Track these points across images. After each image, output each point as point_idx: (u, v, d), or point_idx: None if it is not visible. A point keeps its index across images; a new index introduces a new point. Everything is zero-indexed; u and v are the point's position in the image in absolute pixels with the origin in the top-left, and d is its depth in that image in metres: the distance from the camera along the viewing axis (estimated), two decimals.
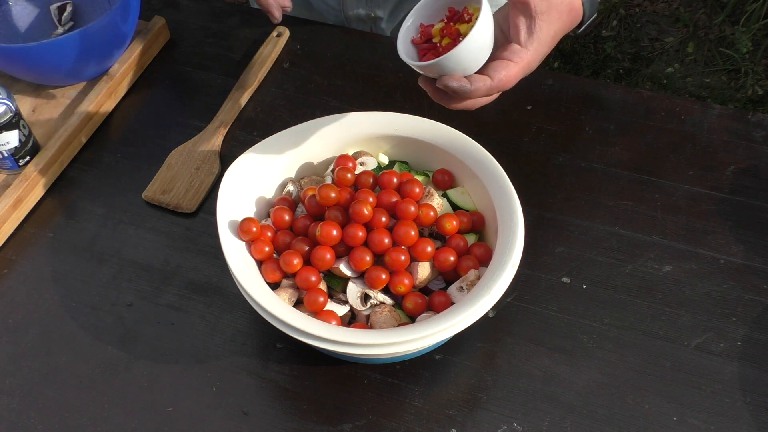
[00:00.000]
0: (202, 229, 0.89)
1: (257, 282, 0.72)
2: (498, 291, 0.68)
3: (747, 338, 0.78)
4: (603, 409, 0.74)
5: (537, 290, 0.82)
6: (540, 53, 0.71)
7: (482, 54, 0.69)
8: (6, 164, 0.91)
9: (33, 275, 0.86)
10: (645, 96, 0.99)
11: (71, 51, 0.94)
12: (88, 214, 0.91)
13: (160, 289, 0.84)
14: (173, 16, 1.11)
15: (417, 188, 0.77)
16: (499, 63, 0.69)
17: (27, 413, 0.76)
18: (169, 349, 0.79)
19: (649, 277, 0.82)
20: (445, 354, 0.78)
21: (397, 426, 0.74)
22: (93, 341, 0.80)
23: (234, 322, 0.81)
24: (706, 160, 0.92)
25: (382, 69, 1.03)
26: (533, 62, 0.71)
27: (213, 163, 0.94)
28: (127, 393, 0.77)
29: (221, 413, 0.75)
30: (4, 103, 0.87)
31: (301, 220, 0.77)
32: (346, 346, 0.67)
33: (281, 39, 1.06)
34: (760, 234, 0.85)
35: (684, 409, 0.74)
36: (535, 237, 0.85)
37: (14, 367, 0.79)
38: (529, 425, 0.73)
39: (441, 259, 0.74)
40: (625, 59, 2.23)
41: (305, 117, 0.84)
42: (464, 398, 0.75)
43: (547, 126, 0.96)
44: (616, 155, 0.93)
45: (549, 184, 0.90)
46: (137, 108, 1.02)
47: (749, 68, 2.14)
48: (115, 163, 0.96)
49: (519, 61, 0.69)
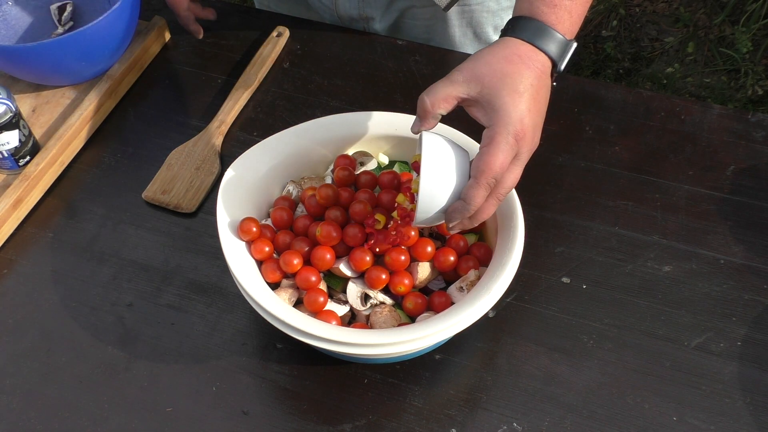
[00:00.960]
0: (202, 229, 0.89)
1: (257, 282, 0.72)
2: (498, 291, 0.68)
3: (747, 338, 0.78)
4: (603, 409, 0.74)
5: (537, 290, 0.82)
6: (513, 116, 0.64)
7: (443, 191, 0.66)
8: (6, 164, 0.91)
9: (33, 275, 0.86)
10: (645, 96, 0.99)
11: (71, 51, 0.94)
12: (88, 214, 0.91)
13: (160, 289, 0.84)
14: (173, 16, 1.11)
15: None
16: (475, 159, 0.65)
17: (27, 413, 0.76)
18: (169, 349, 0.79)
19: (649, 277, 0.82)
20: (445, 354, 0.78)
21: (397, 426, 0.74)
22: (93, 341, 0.80)
23: (234, 322, 0.81)
24: (706, 160, 0.92)
25: (382, 69, 1.03)
26: (512, 128, 0.64)
27: (213, 163, 0.94)
28: (127, 393, 0.77)
29: (221, 413, 0.75)
30: (4, 103, 0.87)
31: (301, 220, 0.77)
32: (346, 346, 0.67)
33: (281, 39, 1.06)
34: (760, 234, 0.85)
35: (684, 409, 0.74)
36: (535, 237, 0.85)
37: (14, 367, 0.79)
38: (529, 425, 0.73)
39: (441, 259, 0.74)
40: (625, 59, 2.23)
41: (305, 117, 0.85)
42: (464, 398, 0.75)
43: (547, 126, 0.95)
44: (616, 155, 0.93)
45: (549, 184, 0.90)
46: (137, 108, 1.02)
47: (749, 68, 2.14)
48: (115, 163, 0.96)
49: (490, 141, 0.64)
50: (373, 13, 1.09)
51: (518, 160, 0.66)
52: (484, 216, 0.67)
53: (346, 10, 1.09)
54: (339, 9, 1.09)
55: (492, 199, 0.66)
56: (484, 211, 0.67)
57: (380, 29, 1.12)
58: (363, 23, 1.11)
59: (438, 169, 0.66)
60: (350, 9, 1.09)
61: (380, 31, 1.12)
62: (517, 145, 0.65)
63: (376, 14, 1.09)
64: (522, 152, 0.66)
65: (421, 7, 1.08)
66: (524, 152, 0.66)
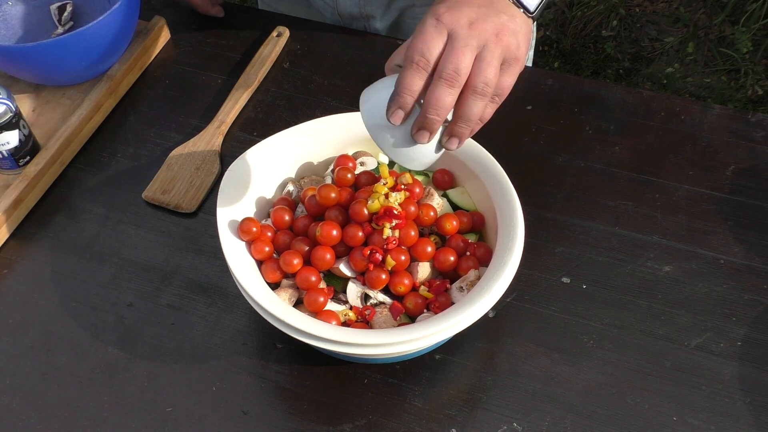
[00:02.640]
0: (202, 229, 0.89)
1: (257, 282, 0.72)
2: (498, 291, 0.68)
3: (747, 338, 0.78)
4: (603, 409, 0.74)
5: (537, 290, 0.82)
6: (437, 6, 0.62)
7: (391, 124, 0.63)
8: (6, 164, 0.91)
9: (33, 275, 0.86)
10: (645, 96, 0.99)
11: (71, 51, 0.94)
12: (88, 214, 0.91)
13: (160, 289, 0.84)
14: (173, 16, 1.11)
15: (417, 188, 0.77)
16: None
17: (27, 413, 0.76)
18: (169, 349, 0.79)
19: (649, 277, 0.82)
20: (445, 354, 0.78)
21: (397, 426, 0.74)
22: (93, 341, 0.80)
23: (234, 322, 0.81)
24: (706, 160, 0.92)
25: (382, 69, 1.03)
26: (433, 12, 0.62)
27: (213, 163, 0.94)
28: (127, 393, 0.77)
29: (221, 413, 0.75)
30: (4, 103, 0.87)
31: (301, 220, 0.77)
32: (346, 346, 0.67)
33: (281, 39, 1.06)
34: (760, 234, 0.85)
35: (684, 409, 0.74)
36: (535, 237, 0.85)
37: (14, 367, 0.79)
38: (529, 425, 0.73)
39: (441, 259, 0.74)
40: (625, 59, 2.23)
41: (305, 117, 0.85)
42: (464, 398, 0.75)
43: (547, 126, 0.96)
44: (616, 155, 0.93)
45: (549, 184, 0.90)
46: (137, 108, 1.02)
47: (749, 68, 2.14)
48: (115, 163, 0.96)
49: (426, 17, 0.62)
50: (374, 12, 1.09)
51: (466, 46, 0.61)
52: (467, 113, 0.62)
53: (347, 8, 1.09)
54: (340, 7, 1.10)
55: (465, 96, 0.62)
56: (464, 109, 0.62)
57: (380, 28, 1.12)
58: (364, 21, 1.12)
59: (378, 112, 0.64)
60: (351, 7, 1.09)
61: (380, 30, 1.12)
62: (444, 25, 0.61)
63: (376, 12, 1.10)
64: (458, 33, 0.61)
65: (421, 6, 1.08)
66: (462, 34, 0.61)
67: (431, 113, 0.62)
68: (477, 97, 0.62)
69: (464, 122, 0.63)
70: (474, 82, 0.62)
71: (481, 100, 0.62)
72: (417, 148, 0.66)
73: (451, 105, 0.62)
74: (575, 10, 2.32)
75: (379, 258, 0.72)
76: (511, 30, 0.63)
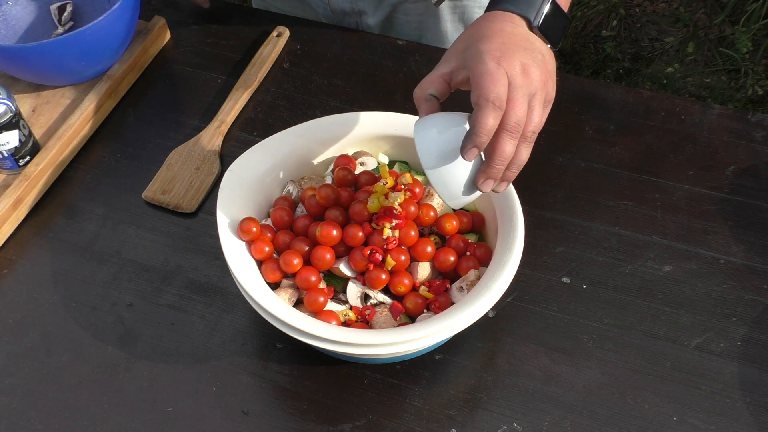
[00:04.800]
0: (202, 229, 0.89)
1: (257, 282, 0.72)
2: (498, 291, 0.68)
3: (747, 338, 0.78)
4: (603, 409, 0.74)
5: (537, 290, 0.82)
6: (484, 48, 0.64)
7: (454, 168, 0.65)
8: (6, 164, 0.91)
9: (33, 275, 0.86)
10: (645, 96, 0.99)
11: (71, 51, 0.94)
12: (88, 214, 0.91)
13: (160, 289, 0.84)
14: (173, 16, 1.11)
15: (417, 188, 0.77)
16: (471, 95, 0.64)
17: (27, 413, 0.76)
18: (169, 349, 0.79)
19: (649, 277, 0.82)
20: (445, 354, 0.78)
21: (397, 426, 0.74)
22: (93, 341, 0.80)
23: (234, 322, 0.81)
24: (706, 160, 0.92)
25: (382, 69, 1.04)
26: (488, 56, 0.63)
27: (213, 163, 0.94)
28: (127, 393, 0.77)
29: (221, 413, 0.75)
30: (4, 103, 0.87)
31: (301, 220, 0.77)
32: (346, 346, 0.67)
33: (281, 39, 1.06)
34: (760, 234, 0.85)
35: (684, 409, 0.74)
36: (535, 237, 0.85)
37: (14, 367, 0.79)
38: (529, 425, 0.73)
39: (441, 259, 0.74)
40: (625, 59, 2.23)
41: (305, 117, 0.85)
42: (464, 398, 0.75)
43: (547, 126, 0.95)
44: (616, 155, 0.93)
45: (549, 184, 0.90)
46: (137, 108, 1.02)
47: (749, 68, 2.14)
48: (115, 163, 0.96)
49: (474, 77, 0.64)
50: (366, 8, 1.10)
51: (523, 96, 0.64)
52: (518, 160, 0.65)
53: (339, 4, 1.10)
54: (332, 3, 1.10)
55: (518, 144, 0.64)
56: (517, 156, 0.65)
57: (372, 24, 1.12)
58: (356, 17, 1.12)
59: (437, 153, 0.65)
60: (343, 3, 1.09)
61: (372, 26, 1.12)
62: (503, 69, 0.63)
63: (368, 8, 1.10)
64: (516, 81, 0.63)
65: (413, 2, 1.08)
66: (519, 82, 0.63)
67: (498, 164, 0.65)
68: (527, 144, 0.66)
69: (515, 167, 0.66)
70: (526, 131, 0.65)
71: (529, 146, 0.66)
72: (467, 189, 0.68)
73: (512, 154, 0.65)
74: (575, 10, 2.32)
75: (379, 258, 0.72)
76: (550, 72, 0.68)
